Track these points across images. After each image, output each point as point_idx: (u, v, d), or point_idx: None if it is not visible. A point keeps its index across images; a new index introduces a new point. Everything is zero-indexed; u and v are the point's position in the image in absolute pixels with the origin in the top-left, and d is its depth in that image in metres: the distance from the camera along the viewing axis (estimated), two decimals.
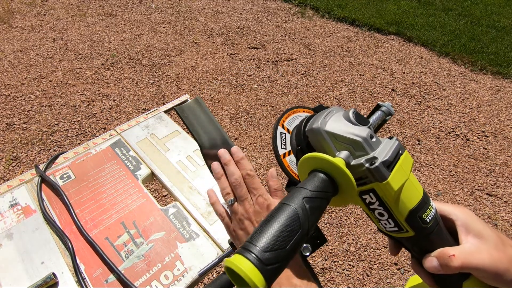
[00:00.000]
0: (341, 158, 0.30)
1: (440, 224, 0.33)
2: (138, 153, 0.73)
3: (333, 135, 0.31)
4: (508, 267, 0.31)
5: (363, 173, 0.29)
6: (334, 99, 2.42)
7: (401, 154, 0.31)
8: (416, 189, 0.31)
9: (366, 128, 0.31)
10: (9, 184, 0.65)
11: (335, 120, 0.32)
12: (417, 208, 0.30)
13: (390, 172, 0.29)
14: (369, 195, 0.30)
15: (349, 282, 1.38)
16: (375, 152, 0.30)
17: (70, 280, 0.52)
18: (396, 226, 0.31)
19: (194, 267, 0.55)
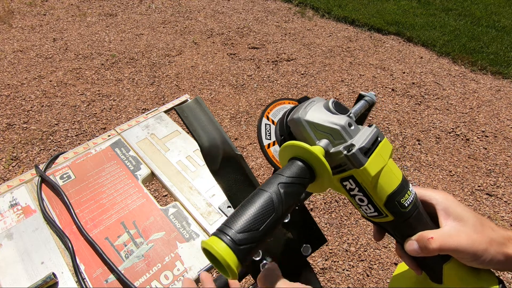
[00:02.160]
0: (321, 146, 0.31)
1: (420, 208, 0.33)
2: (138, 153, 0.73)
3: (312, 124, 0.32)
4: (486, 247, 0.32)
5: (342, 160, 0.30)
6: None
7: (380, 141, 0.32)
8: (394, 174, 0.32)
9: (345, 117, 0.32)
10: (9, 184, 0.65)
11: (315, 110, 0.33)
12: (395, 193, 0.31)
13: (367, 158, 0.30)
14: (349, 181, 0.31)
15: (349, 282, 1.38)
16: (353, 139, 0.31)
17: (70, 280, 0.52)
18: (376, 211, 0.32)
19: (194, 267, 0.55)
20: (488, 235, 0.33)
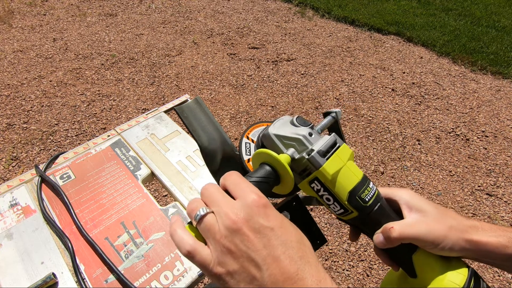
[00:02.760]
0: (287, 154, 0.35)
1: (382, 203, 0.36)
2: (138, 153, 0.73)
3: (280, 137, 0.37)
4: (446, 234, 0.34)
5: (306, 164, 0.35)
6: (334, 99, 2.42)
7: (339, 146, 0.36)
8: (353, 174, 0.35)
9: (307, 128, 0.37)
10: (9, 184, 0.65)
11: (281, 125, 0.38)
12: (355, 189, 0.35)
13: (326, 160, 0.34)
14: (315, 183, 0.36)
15: (349, 282, 1.38)
16: (314, 145, 0.36)
17: (70, 280, 0.52)
18: (341, 208, 0.36)
19: (194, 267, 0.55)
20: (448, 223, 0.34)
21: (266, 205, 0.27)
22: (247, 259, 0.25)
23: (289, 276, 0.25)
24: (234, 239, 0.26)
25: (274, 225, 0.27)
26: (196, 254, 0.27)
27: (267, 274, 0.25)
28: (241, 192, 0.28)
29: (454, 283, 0.32)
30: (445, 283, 0.33)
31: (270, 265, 0.25)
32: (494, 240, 0.33)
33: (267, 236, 0.26)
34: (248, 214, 0.26)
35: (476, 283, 0.33)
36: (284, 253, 0.26)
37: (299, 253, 0.26)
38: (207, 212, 0.27)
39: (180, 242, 0.27)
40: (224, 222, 0.26)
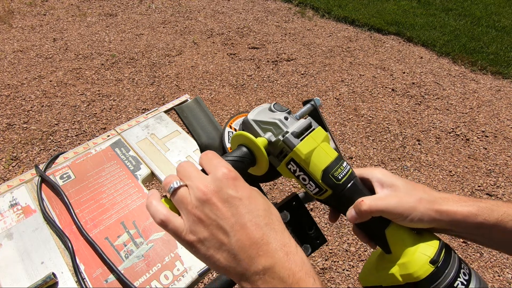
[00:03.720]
0: (264, 137, 0.37)
1: (355, 181, 0.37)
2: (138, 153, 0.73)
3: (257, 122, 0.39)
4: (415, 205, 0.34)
5: (282, 146, 0.37)
6: (334, 99, 2.42)
7: (314, 128, 0.38)
8: (327, 153, 0.37)
9: (283, 113, 0.39)
10: (9, 184, 0.65)
11: (259, 111, 0.40)
12: (328, 168, 0.36)
13: (300, 141, 0.36)
14: (291, 164, 0.37)
15: (349, 282, 1.38)
16: (289, 128, 0.37)
17: (70, 280, 0.52)
18: (316, 187, 0.37)
19: (194, 267, 0.55)
20: (417, 196, 0.35)
21: (236, 178, 0.29)
22: (216, 226, 0.27)
23: (255, 241, 0.27)
24: (204, 209, 0.28)
25: (242, 195, 0.28)
26: (169, 222, 0.28)
27: (235, 239, 0.27)
28: (213, 168, 0.30)
29: (425, 255, 0.33)
30: (416, 255, 0.33)
31: (237, 232, 0.27)
32: (463, 209, 0.33)
33: (235, 206, 0.28)
34: (218, 186, 0.28)
35: (447, 254, 0.33)
36: (251, 220, 0.27)
37: (265, 220, 0.28)
38: (180, 185, 0.29)
39: (155, 212, 0.29)
40: (196, 194, 0.28)
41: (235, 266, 0.27)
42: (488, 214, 0.33)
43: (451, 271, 0.32)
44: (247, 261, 0.26)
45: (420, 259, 0.33)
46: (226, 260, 0.27)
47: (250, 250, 0.26)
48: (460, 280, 0.32)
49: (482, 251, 1.52)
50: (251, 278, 0.26)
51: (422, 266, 0.32)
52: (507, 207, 0.34)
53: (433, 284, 0.32)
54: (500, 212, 0.33)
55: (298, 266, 0.27)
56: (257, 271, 0.26)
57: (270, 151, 0.39)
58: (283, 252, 0.27)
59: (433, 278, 0.32)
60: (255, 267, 0.26)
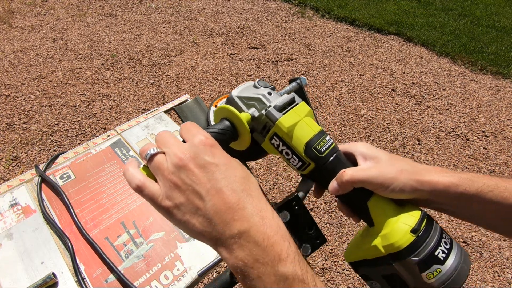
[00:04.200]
0: (248, 113, 0.37)
1: (338, 155, 0.38)
2: (138, 153, 0.73)
3: (241, 98, 0.39)
4: (396, 176, 0.34)
5: (265, 120, 0.37)
6: (334, 99, 2.42)
7: (297, 103, 0.38)
8: (310, 127, 0.37)
9: (267, 89, 0.39)
10: (9, 184, 0.65)
11: (243, 88, 0.40)
12: (311, 141, 0.36)
13: (282, 114, 0.36)
14: (274, 138, 0.37)
15: (349, 282, 1.38)
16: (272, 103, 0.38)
17: (70, 280, 0.52)
18: (300, 161, 0.37)
19: (193, 267, 0.55)
20: (399, 166, 0.35)
21: (213, 145, 0.30)
22: (192, 191, 0.27)
23: (231, 205, 0.27)
24: (180, 175, 0.28)
25: (219, 162, 0.29)
26: (145, 188, 0.28)
27: (210, 204, 0.27)
28: (191, 136, 0.30)
29: (406, 224, 0.33)
30: (397, 225, 0.33)
31: (213, 196, 0.27)
32: (445, 179, 0.34)
33: (211, 171, 0.28)
34: (195, 152, 0.28)
35: (429, 224, 0.33)
36: (227, 186, 0.27)
37: (242, 186, 0.28)
38: (157, 152, 0.29)
39: (131, 178, 0.29)
40: (172, 160, 0.28)
41: (211, 231, 0.27)
42: (469, 184, 0.33)
43: (432, 240, 0.32)
44: (222, 226, 0.26)
45: (401, 228, 0.33)
46: (201, 225, 0.27)
47: (226, 215, 0.26)
48: (441, 248, 0.32)
49: (482, 251, 1.52)
50: (226, 242, 0.26)
51: (403, 235, 0.32)
52: (487, 179, 0.34)
53: (414, 253, 0.32)
54: (480, 183, 0.33)
55: (274, 230, 0.27)
56: (232, 235, 0.26)
57: (254, 127, 0.39)
58: (259, 217, 0.27)
59: (414, 247, 0.32)
60: (230, 231, 0.26)
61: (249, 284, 0.26)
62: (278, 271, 0.25)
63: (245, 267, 0.26)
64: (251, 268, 0.25)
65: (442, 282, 0.31)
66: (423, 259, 0.31)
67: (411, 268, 0.32)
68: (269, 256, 0.25)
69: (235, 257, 0.26)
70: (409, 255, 0.32)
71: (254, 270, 0.25)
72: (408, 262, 0.32)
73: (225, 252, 0.27)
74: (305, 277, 0.26)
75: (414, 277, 0.32)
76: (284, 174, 1.83)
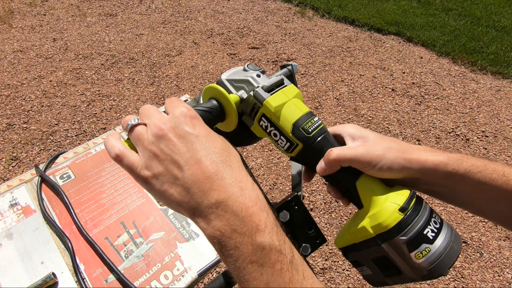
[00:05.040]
0: (236, 94, 0.38)
1: (327, 135, 0.37)
2: None
3: (231, 81, 0.39)
4: (383, 153, 0.34)
5: (253, 102, 0.37)
6: (334, 99, 2.42)
7: (286, 85, 0.38)
8: (298, 108, 0.37)
9: (256, 71, 0.39)
10: (9, 184, 0.65)
11: (234, 71, 0.41)
12: (298, 121, 0.36)
13: (270, 95, 0.36)
14: (262, 119, 0.37)
15: (349, 282, 1.38)
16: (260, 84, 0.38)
17: (69, 280, 0.52)
18: (288, 141, 0.37)
19: (193, 267, 0.55)
20: (386, 145, 0.35)
21: (194, 117, 0.30)
22: (171, 161, 0.27)
23: (209, 175, 0.27)
24: (160, 145, 0.28)
25: (199, 133, 0.29)
26: (124, 157, 0.29)
27: (188, 173, 0.27)
28: (173, 108, 0.30)
29: (395, 203, 0.32)
30: (386, 204, 0.33)
31: (192, 166, 0.27)
32: (434, 158, 0.33)
33: (191, 142, 0.28)
34: (175, 123, 0.29)
35: (417, 203, 0.33)
36: (206, 156, 0.27)
37: (222, 158, 0.28)
38: (138, 123, 0.30)
39: (111, 147, 0.29)
40: (153, 130, 0.28)
41: (188, 200, 0.27)
42: (458, 164, 0.33)
43: (421, 219, 0.32)
44: (200, 195, 0.26)
45: (389, 207, 0.32)
46: (179, 195, 0.27)
47: (204, 185, 0.26)
48: (430, 228, 0.31)
49: (482, 251, 1.52)
50: (203, 212, 0.26)
51: (391, 214, 0.32)
52: (475, 160, 0.34)
53: (402, 232, 0.31)
54: (469, 163, 0.33)
55: (253, 201, 0.26)
56: (210, 204, 0.26)
57: (244, 110, 0.39)
58: (238, 187, 0.27)
59: (402, 226, 0.31)
60: (207, 201, 0.26)
61: (226, 253, 0.26)
62: (256, 241, 0.25)
63: (222, 236, 0.25)
64: (228, 238, 0.25)
65: (431, 262, 0.30)
66: (412, 238, 0.31)
67: (400, 248, 0.31)
68: (247, 226, 0.25)
69: (212, 226, 0.26)
70: (397, 234, 0.31)
71: (231, 240, 0.25)
72: (396, 242, 0.31)
73: (203, 222, 0.26)
74: (282, 248, 0.26)
75: (403, 257, 0.31)
76: (284, 174, 1.83)
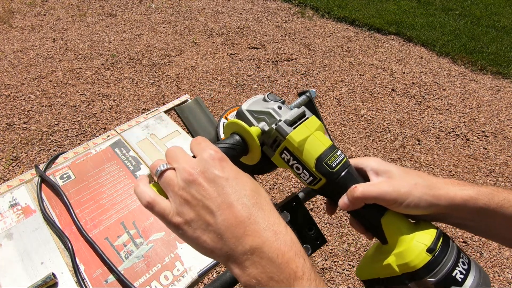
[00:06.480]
0: (257, 127, 0.37)
1: (350, 170, 0.37)
2: (138, 153, 0.73)
3: (251, 112, 0.39)
4: (410, 190, 0.33)
5: (275, 134, 0.37)
6: (334, 99, 2.42)
7: (308, 117, 0.38)
8: (321, 142, 0.37)
9: (277, 103, 0.39)
10: (9, 184, 0.65)
11: (253, 101, 0.40)
12: (322, 156, 0.36)
13: (293, 129, 0.36)
14: (285, 153, 0.37)
15: (349, 282, 1.38)
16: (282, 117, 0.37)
17: (69, 280, 0.52)
18: (310, 175, 0.37)
19: (193, 268, 0.55)
20: (412, 181, 0.34)
21: (222, 159, 0.29)
22: (202, 207, 0.27)
23: (242, 220, 0.26)
24: (190, 190, 0.27)
25: (229, 175, 0.28)
26: (156, 204, 0.28)
27: (221, 219, 0.26)
28: (200, 150, 0.30)
29: (422, 243, 0.32)
30: (413, 244, 0.32)
31: (224, 211, 0.26)
32: (463, 193, 0.32)
33: (221, 185, 0.27)
34: (204, 166, 0.28)
35: (445, 243, 0.32)
36: (238, 200, 0.27)
37: (253, 200, 0.27)
38: (167, 168, 0.29)
39: (141, 194, 0.29)
40: (182, 175, 0.28)
41: (222, 247, 0.26)
42: (489, 199, 0.32)
43: (449, 260, 0.31)
44: (234, 241, 0.25)
45: (416, 247, 0.32)
46: (212, 241, 0.26)
47: (237, 230, 0.25)
48: (458, 269, 0.31)
49: (482, 251, 1.52)
50: (238, 259, 0.25)
51: (419, 254, 0.31)
52: (507, 193, 0.33)
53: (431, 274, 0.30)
54: (500, 197, 0.32)
55: (288, 246, 0.26)
56: (245, 251, 0.25)
57: (264, 141, 0.39)
58: (272, 232, 0.26)
59: (430, 267, 0.31)
60: (242, 247, 0.25)
61: None
62: None
63: (259, 284, 0.25)
64: (265, 286, 0.25)
65: None
66: (441, 280, 0.30)
67: None
68: (284, 274, 0.25)
69: (248, 274, 0.25)
70: (426, 276, 0.31)
71: None
72: (424, 283, 0.31)
73: (238, 269, 0.26)
74: None
75: None
76: (284, 174, 1.83)
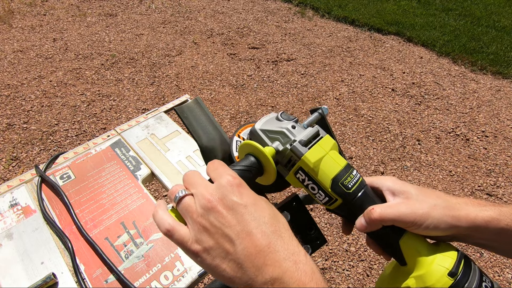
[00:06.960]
0: (271, 147, 0.37)
1: (366, 190, 0.36)
2: (138, 153, 0.73)
3: (264, 131, 0.39)
4: (428, 212, 0.32)
5: (290, 155, 0.36)
6: (334, 99, 2.42)
7: (322, 137, 0.38)
8: (336, 162, 0.36)
9: (290, 122, 0.39)
10: (9, 184, 0.65)
11: (266, 120, 0.40)
12: (338, 176, 0.35)
13: (308, 149, 0.36)
14: (299, 173, 0.37)
15: (349, 282, 1.38)
16: (296, 137, 0.37)
17: (69, 280, 0.52)
18: (326, 196, 0.36)
19: (194, 268, 0.55)
20: (430, 202, 0.33)
21: (240, 185, 0.29)
22: (222, 235, 0.26)
23: (262, 249, 0.26)
24: (209, 217, 0.27)
25: (248, 202, 0.28)
26: (175, 232, 0.28)
27: (241, 247, 0.26)
28: (218, 175, 0.30)
29: (443, 267, 0.31)
30: (433, 267, 0.31)
31: (243, 239, 0.26)
32: (484, 214, 0.32)
33: (240, 213, 0.27)
34: (222, 193, 0.28)
35: (467, 266, 0.32)
36: (257, 228, 0.27)
37: (272, 228, 0.27)
38: (185, 194, 0.29)
39: (160, 221, 0.29)
40: (201, 202, 0.28)
41: (241, 276, 0.26)
42: (511, 219, 0.31)
43: (472, 284, 0.30)
44: (254, 271, 0.25)
45: (437, 271, 0.31)
46: (232, 270, 0.26)
47: (257, 259, 0.25)
48: None
49: (482, 251, 1.52)
50: None
51: (440, 278, 0.30)
52: None
53: None
54: None
55: (308, 276, 0.25)
56: (265, 281, 0.25)
57: (278, 161, 0.38)
58: (292, 261, 0.26)
59: None
60: (262, 277, 0.25)
61: None
62: None
63: None
64: None
65: None
66: None
67: None
68: None
69: None
70: None
71: None
72: None
73: None
74: None
75: None
76: None
